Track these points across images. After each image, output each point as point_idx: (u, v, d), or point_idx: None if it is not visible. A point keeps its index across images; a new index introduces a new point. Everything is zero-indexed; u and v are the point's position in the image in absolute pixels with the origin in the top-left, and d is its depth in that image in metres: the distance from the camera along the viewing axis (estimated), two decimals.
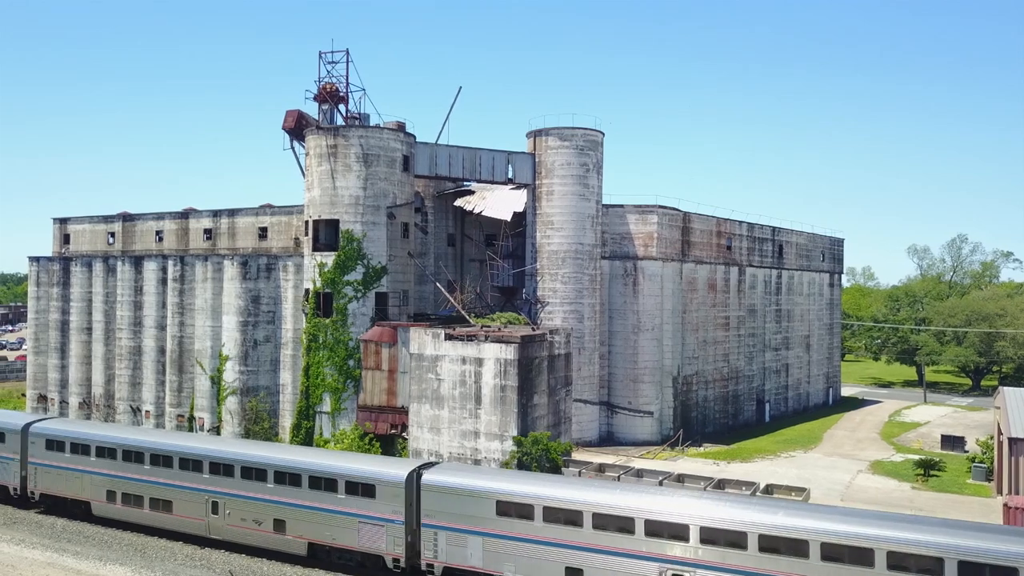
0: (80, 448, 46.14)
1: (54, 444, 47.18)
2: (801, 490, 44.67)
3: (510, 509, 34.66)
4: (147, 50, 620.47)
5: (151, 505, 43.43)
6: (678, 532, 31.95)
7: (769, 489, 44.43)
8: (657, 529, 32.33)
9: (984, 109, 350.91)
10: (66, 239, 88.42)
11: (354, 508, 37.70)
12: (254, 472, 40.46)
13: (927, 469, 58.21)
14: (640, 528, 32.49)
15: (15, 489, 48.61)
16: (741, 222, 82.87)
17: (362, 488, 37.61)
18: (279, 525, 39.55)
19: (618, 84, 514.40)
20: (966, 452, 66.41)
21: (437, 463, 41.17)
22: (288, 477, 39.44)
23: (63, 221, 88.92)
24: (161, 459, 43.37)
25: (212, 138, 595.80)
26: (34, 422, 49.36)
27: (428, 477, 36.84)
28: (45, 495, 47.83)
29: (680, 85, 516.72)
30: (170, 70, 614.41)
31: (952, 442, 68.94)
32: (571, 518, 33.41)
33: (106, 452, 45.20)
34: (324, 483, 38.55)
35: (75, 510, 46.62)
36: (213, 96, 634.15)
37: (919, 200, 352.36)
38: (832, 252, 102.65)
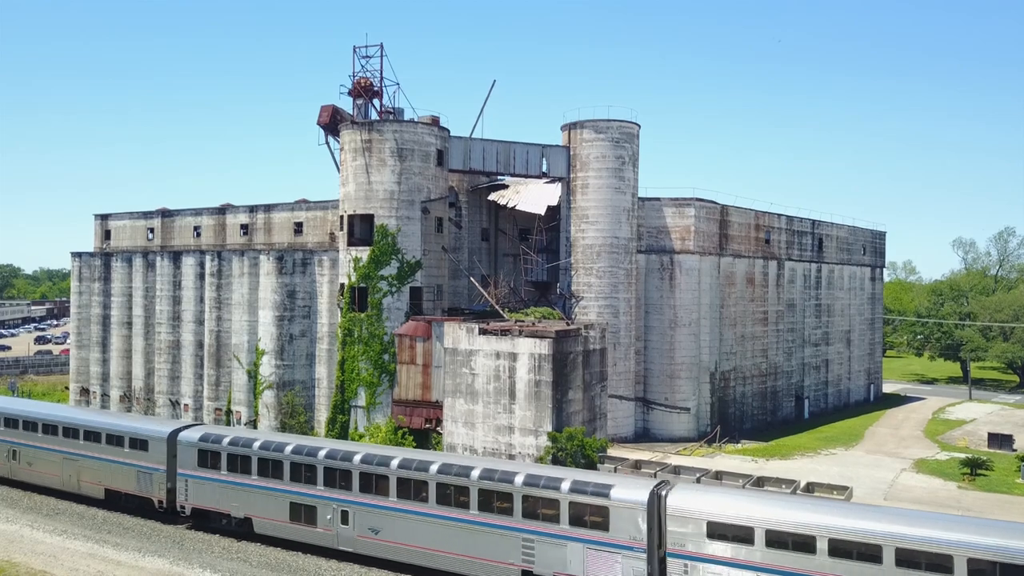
0: None
1: None
2: (843, 488, 43.46)
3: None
4: (184, 46, 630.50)
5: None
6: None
7: (810, 487, 43.33)
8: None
9: None
10: (107, 235, 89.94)
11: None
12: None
13: (974, 468, 56.51)
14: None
15: None
16: (780, 215, 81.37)
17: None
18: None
19: (654, 77, 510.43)
20: (1014, 451, 64.39)
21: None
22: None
23: (104, 217, 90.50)
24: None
25: (248, 134, 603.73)
26: None
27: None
28: None
29: (719, 79, 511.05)
30: (206, 66, 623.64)
31: (1000, 440, 66.91)
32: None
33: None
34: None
35: None
36: (248, 92, 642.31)
37: (963, 193, 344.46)
38: (874, 246, 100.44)
